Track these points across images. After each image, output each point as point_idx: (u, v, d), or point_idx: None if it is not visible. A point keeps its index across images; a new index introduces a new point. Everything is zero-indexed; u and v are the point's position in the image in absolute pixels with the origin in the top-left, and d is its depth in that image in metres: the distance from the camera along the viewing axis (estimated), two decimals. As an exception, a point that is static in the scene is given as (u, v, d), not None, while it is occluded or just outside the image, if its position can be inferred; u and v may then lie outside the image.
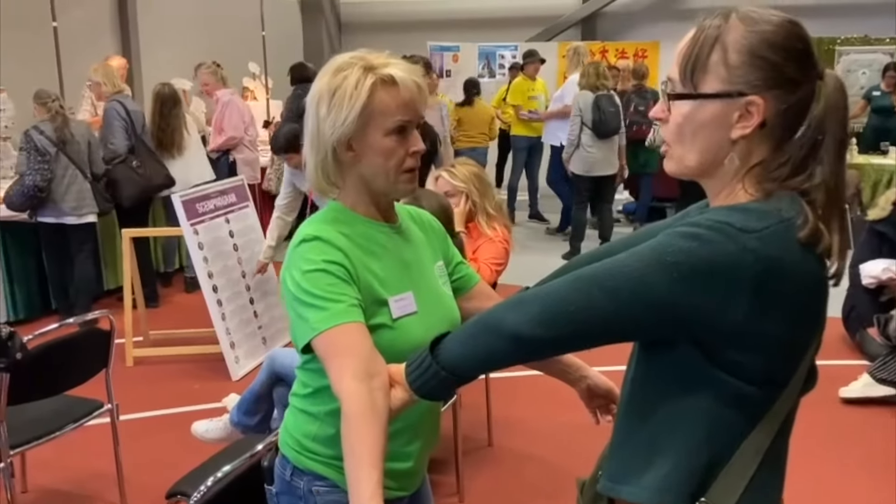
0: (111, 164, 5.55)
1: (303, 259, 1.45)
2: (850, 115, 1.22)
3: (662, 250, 1.12)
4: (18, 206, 5.15)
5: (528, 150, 8.44)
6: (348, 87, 1.45)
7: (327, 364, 1.37)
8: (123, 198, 5.54)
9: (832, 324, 5.08)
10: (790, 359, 1.16)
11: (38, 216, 5.24)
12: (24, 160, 5.07)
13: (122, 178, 5.55)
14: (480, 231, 3.45)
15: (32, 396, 2.92)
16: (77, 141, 5.26)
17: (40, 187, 5.06)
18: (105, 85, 5.64)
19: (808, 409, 4.30)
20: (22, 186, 5.05)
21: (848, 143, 1.19)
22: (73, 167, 5.21)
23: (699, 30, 1.20)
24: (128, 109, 5.66)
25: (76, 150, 5.25)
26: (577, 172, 6.95)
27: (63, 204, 5.20)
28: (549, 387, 1.93)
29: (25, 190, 5.05)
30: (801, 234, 1.11)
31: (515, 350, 1.21)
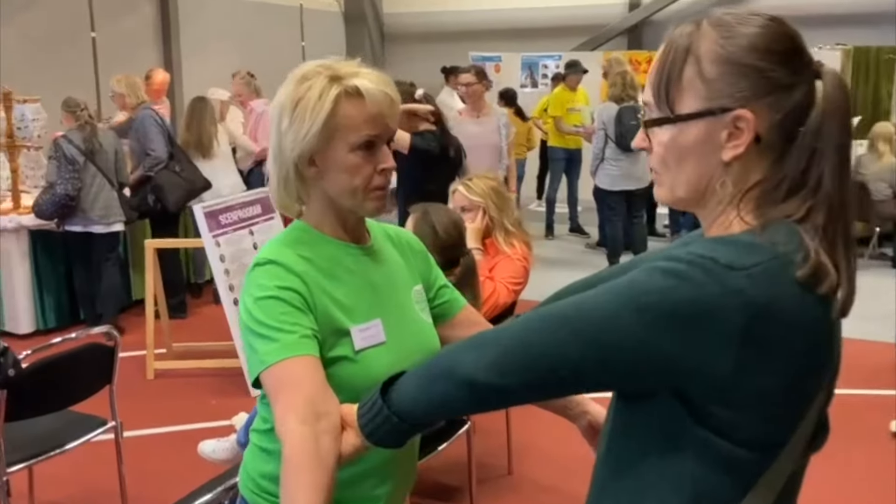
0: (153, 170, 5.56)
1: (255, 285, 1.32)
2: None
3: (638, 288, 0.96)
4: (48, 215, 5.16)
5: (566, 162, 8.25)
6: (311, 98, 1.33)
7: (272, 401, 1.24)
8: (171, 202, 5.54)
9: (884, 350, 4.80)
10: (788, 417, 0.99)
11: (66, 225, 5.25)
12: (54, 169, 5.09)
13: (167, 183, 5.55)
14: (498, 248, 3.29)
15: (31, 413, 2.85)
16: (105, 150, 5.26)
17: (71, 196, 5.07)
18: (129, 97, 5.65)
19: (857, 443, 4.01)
20: (52, 195, 5.07)
21: (851, 149, 1.01)
22: (101, 176, 5.22)
23: (668, 43, 1.04)
24: (161, 116, 5.68)
25: (104, 160, 5.25)
26: (602, 187, 6.75)
27: (91, 213, 5.21)
28: None
29: (56, 199, 5.06)
30: (800, 273, 0.94)
31: (470, 398, 1.05)
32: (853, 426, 4.10)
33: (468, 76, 5.80)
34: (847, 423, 4.04)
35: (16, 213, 5.36)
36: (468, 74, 5.81)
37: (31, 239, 5.40)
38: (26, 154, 5.52)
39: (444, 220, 2.83)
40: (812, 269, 0.94)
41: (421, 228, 2.84)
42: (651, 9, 11.56)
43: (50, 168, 5.15)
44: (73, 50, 7.33)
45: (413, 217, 2.89)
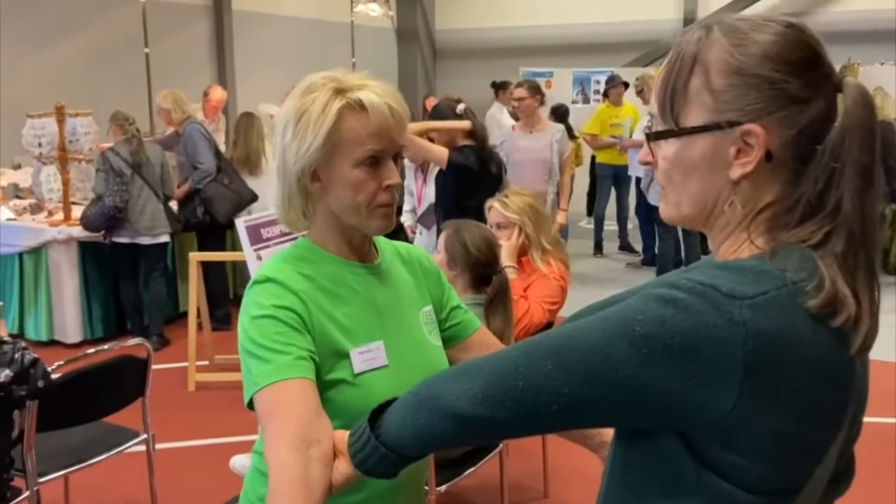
0: (202, 183, 5.63)
1: (253, 303, 1.28)
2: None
3: (632, 318, 0.88)
4: (96, 227, 5.26)
5: (613, 179, 8.10)
6: (315, 110, 1.28)
7: (263, 425, 1.19)
8: (220, 214, 5.60)
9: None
10: (802, 461, 0.89)
11: (113, 236, 5.33)
12: (102, 181, 5.18)
13: (216, 196, 5.62)
14: (534, 266, 3.21)
15: (63, 424, 2.87)
16: (152, 163, 5.34)
17: (119, 208, 5.16)
18: (175, 112, 5.73)
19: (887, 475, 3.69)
20: (101, 207, 5.16)
21: (875, 171, 0.91)
22: (148, 188, 5.30)
23: (675, 50, 0.97)
24: (207, 130, 5.73)
25: (151, 172, 5.33)
26: (655, 204, 6.61)
27: (138, 224, 5.29)
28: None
29: (105, 210, 5.15)
30: (812, 303, 0.85)
31: (457, 431, 0.99)
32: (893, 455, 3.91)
33: (521, 91, 5.69)
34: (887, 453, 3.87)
35: (66, 224, 5.47)
36: (521, 89, 5.70)
37: (80, 250, 5.50)
38: (77, 166, 5.63)
39: (475, 236, 2.78)
40: (826, 299, 0.86)
41: (452, 245, 2.79)
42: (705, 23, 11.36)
43: (98, 180, 5.24)
44: (127, 66, 7.50)
45: (445, 233, 2.85)
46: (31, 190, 6.18)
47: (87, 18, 7.95)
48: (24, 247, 5.49)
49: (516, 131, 5.80)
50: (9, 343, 2.50)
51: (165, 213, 5.42)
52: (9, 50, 7.29)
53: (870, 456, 3.96)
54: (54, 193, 5.56)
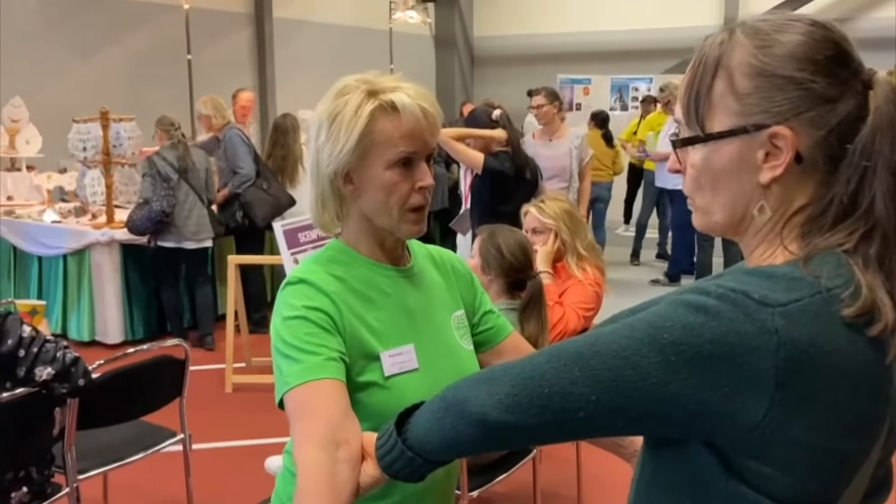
0: (241, 187, 5.71)
1: (285, 304, 1.29)
2: None
3: (660, 325, 0.86)
4: (142, 231, 5.33)
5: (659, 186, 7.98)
6: (347, 112, 1.29)
7: (292, 425, 1.20)
8: (259, 218, 5.68)
9: None
10: (835, 472, 0.87)
11: (159, 240, 5.42)
12: (149, 186, 5.25)
13: (255, 200, 5.70)
14: (569, 272, 3.19)
15: (103, 422, 2.92)
16: (197, 168, 5.42)
17: (165, 212, 5.23)
18: (215, 118, 5.80)
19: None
20: (148, 211, 5.22)
21: None
22: (193, 193, 5.36)
23: (698, 55, 0.95)
24: (246, 135, 5.81)
25: (196, 177, 5.41)
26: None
27: (184, 229, 5.37)
28: None
29: (152, 215, 5.22)
30: (848, 311, 0.83)
31: (483, 437, 0.98)
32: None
33: (539, 98, 5.68)
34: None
35: (109, 227, 5.57)
36: (539, 97, 5.68)
37: (122, 252, 5.60)
38: (120, 170, 5.74)
39: (510, 241, 2.77)
40: (863, 307, 0.84)
41: (486, 250, 2.79)
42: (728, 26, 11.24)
43: (144, 185, 5.33)
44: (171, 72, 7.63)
45: (479, 238, 2.85)
46: (76, 193, 6.30)
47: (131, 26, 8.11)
48: (68, 249, 5.60)
49: (536, 139, 5.78)
50: (51, 342, 2.56)
51: (209, 218, 5.49)
52: (55, 57, 7.46)
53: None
54: (98, 196, 5.67)
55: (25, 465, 2.60)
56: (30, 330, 2.51)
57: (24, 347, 2.47)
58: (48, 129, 6.75)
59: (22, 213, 6.10)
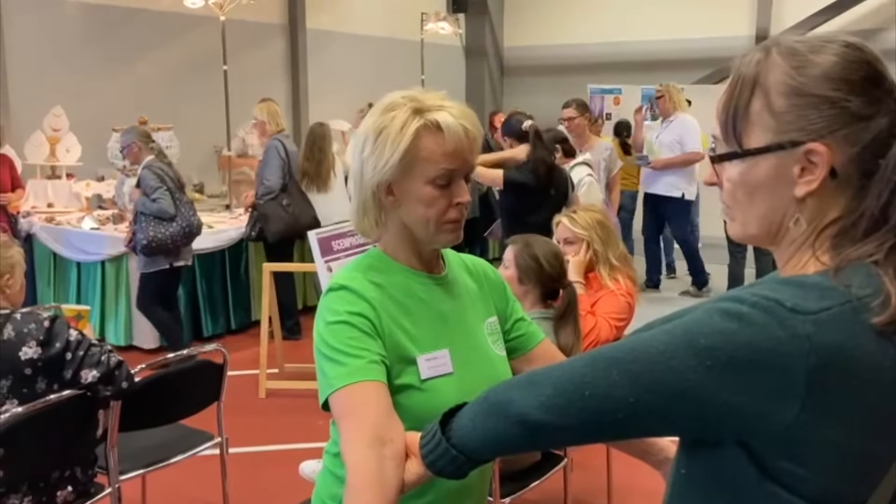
0: (263, 199, 5.78)
1: (328, 310, 1.35)
2: None
3: (696, 331, 0.90)
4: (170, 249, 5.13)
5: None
6: (394, 128, 1.35)
7: (339, 426, 1.26)
8: (270, 233, 5.74)
9: None
10: (865, 474, 0.91)
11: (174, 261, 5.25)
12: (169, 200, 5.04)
13: (271, 214, 5.75)
14: (601, 283, 3.22)
15: (143, 425, 3.00)
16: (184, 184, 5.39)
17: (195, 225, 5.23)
18: (269, 124, 5.86)
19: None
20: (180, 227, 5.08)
21: None
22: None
23: (735, 74, 0.99)
24: (287, 150, 5.85)
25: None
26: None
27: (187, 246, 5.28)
28: None
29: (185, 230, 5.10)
30: (878, 319, 0.87)
31: (524, 436, 1.03)
32: None
33: (570, 111, 5.73)
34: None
35: (147, 234, 5.67)
36: (570, 109, 5.74)
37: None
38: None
39: (546, 251, 2.82)
40: (893, 315, 0.87)
41: (523, 260, 2.82)
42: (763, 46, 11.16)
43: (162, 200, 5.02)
44: (206, 82, 7.76)
45: (513, 248, 2.88)
46: (114, 201, 6.45)
47: (169, 37, 8.28)
48: (107, 255, 5.73)
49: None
50: (96, 345, 2.64)
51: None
52: (95, 68, 7.63)
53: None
54: (137, 205, 5.78)
55: (71, 464, 2.69)
56: (76, 334, 2.60)
57: (71, 351, 2.56)
58: (87, 138, 6.91)
59: (61, 219, 6.24)
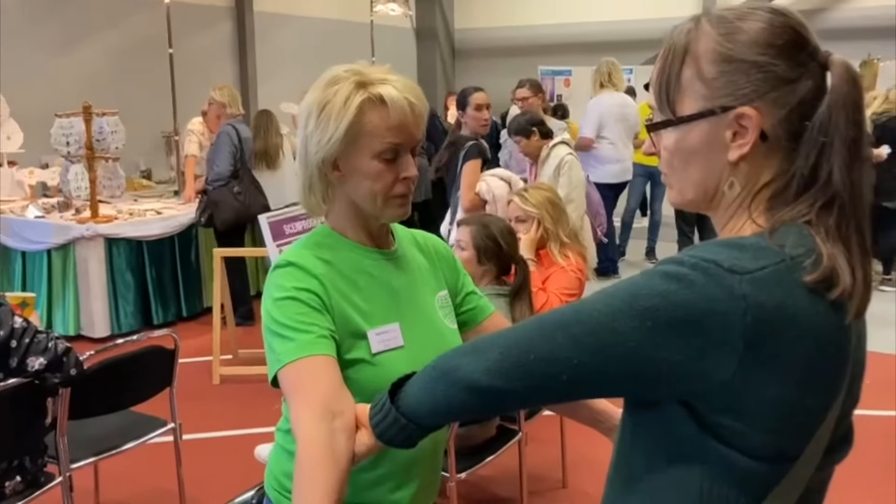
0: (212, 185, 5.71)
1: (275, 286, 1.35)
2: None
3: (636, 292, 0.93)
4: None
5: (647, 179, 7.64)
6: (337, 103, 1.34)
7: (288, 400, 1.26)
8: (219, 221, 5.67)
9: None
10: (799, 428, 0.94)
11: None
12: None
13: (221, 202, 5.68)
14: (552, 260, 3.27)
15: (94, 412, 2.96)
16: None
17: None
18: (230, 107, 5.79)
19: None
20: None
21: (861, 143, 0.96)
22: None
23: (667, 44, 1.02)
24: (240, 136, 5.78)
25: None
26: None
27: None
28: None
29: None
30: (810, 277, 0.90)
31: (473, 401, 1.05)
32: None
33: (523, 91, 5.75)
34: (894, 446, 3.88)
35: (93, 221, 5.58)
36: (523, 89, 5.76)
37: (107, 246, 5.61)
38: (104, 165, 5.74)
39: (502, 229, 2.87)
40: (823, 273, 0.90)
41: (482, 241, 2.85)
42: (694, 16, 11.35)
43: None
44: (152, 66, 7.62)
45: (470, 229, 2.90)
46: (59, 188, 6.30)
47: (111, 20, 8.10)
48: (53, 244, 5.61)
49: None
50: (42, 332, 2.59)
51: None
52: (35, 51, 7.44)
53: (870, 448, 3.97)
54: (82, 191, 5.68)
55: (19, 454, 2.64)
56: (21, 321, 2.55)
57: (16, 338, 2.51)
58: (29, 124, 6.73)
59: (5, 208, 6.09)
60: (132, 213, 5.96)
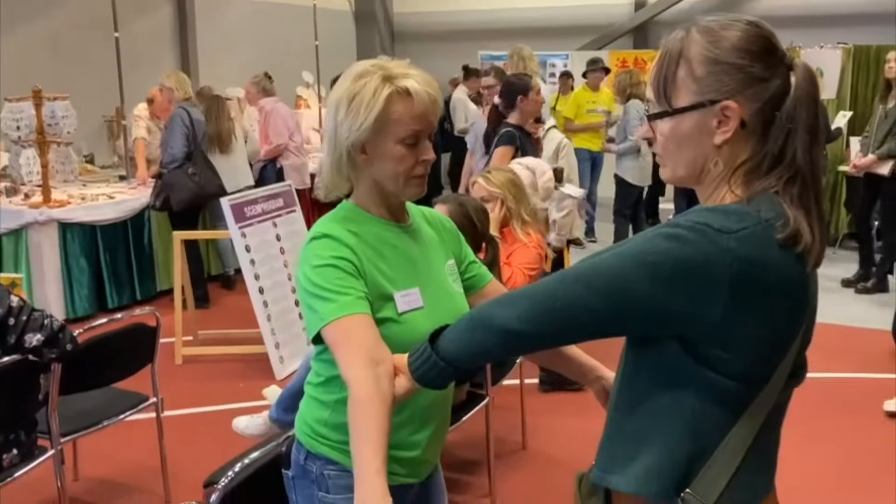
0: (168, 167, 5.77)
1: (313, 255, 1.53)
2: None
3: (644, 250, 1.16)
4: None
5: (589, 164, 7.93)
6: (366, 94, 1.53)
7: (336, 352, 1.45)
8: (175, 202, 5.75)
9: (882, 337, 5.00)
10: (771, 355, 1.19)
11: None
12: None
13: (177, 183, 5.76)
14: (515, 237, 3.50)
15: (82, 387, 3.07)
16: None
17: None
18: (177, 91, 5.86)
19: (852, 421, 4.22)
20: None
21: (819, 129, 1.22)
22: None
23: (664, 48, 1.25)
24: (192, 118, 5.86)
25: None
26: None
27: None
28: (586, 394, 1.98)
29: None
30: (781, 235, 1.14)
31: (505, 344, 1.27)
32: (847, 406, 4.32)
33: (489, 79, 5.78)
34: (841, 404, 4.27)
35: (46, 206, 5.58)
36: (489, 78, 5.80)
37: (61, 231, 5.62)
38: (56, 149, 5.73)
39: (477, 208, 3.06)
40: (790, 232, 1.15)
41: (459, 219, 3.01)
42: (656, 9, 11.74)
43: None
44: (97, 50, 7.55)
45: (446, 207, 3.07)
46: (5, 173, 6.25)
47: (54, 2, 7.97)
48: (4, 229, 5.58)
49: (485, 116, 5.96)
50: (38, 310, 2.70)
51: None
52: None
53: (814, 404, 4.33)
54: (34, 176, 5.67)
55: (15, 428, 2.75)
56: (17, 299, 2.65)
57: (14, 316, 2.61)
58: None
59: (-49, 194, 6.02)
60: (84, 197, 5.96)
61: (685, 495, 1.20)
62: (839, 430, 4.03)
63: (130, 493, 3.55)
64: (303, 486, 1.65)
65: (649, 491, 1.22)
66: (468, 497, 3.47)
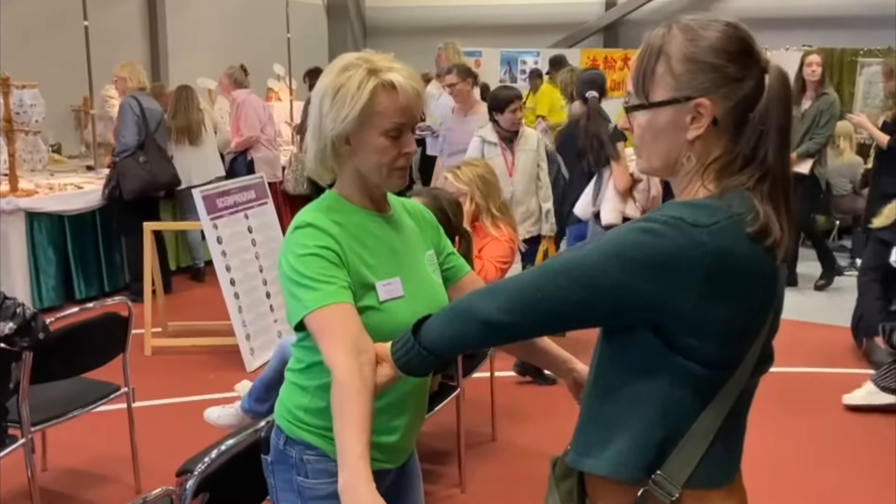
0: (119, 157, 5.75)
1: (297, 244, 1.55)
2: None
3: (622, 243, 1.21)
4: None
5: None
6: (351, 87, 1.55)
7: (319, 340, 1.48)
8: (125, 191, 5.71)
9: (841, 333, 5.13)
10: (740, 343, 1.24)
11: None
12: None
13: (128, 172, 5.72)
14: (485, 231, 3.55)
15: (53, 377, 3.05)
16: None
17: None
18: (130, 80, 5.82)
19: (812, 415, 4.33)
20: None
21: (791, 131, 1.27)
22: None
23: (645, 44, 1.30)
24: (143, 107, 5.82)
25: None
26: None
27: None
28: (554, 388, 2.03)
29: None
30: (751, 229, 1.20)
31: (486, 334, 1.31)
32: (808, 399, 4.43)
33: (451, 77, 5.73)
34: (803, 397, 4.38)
35: (13, 195, 5.51)
36: (451, 75, 5.74)
37: (28, 220, 5.56)
38: (24, 138, 5.67)
39: (449, 201, 3.09)
40: (760, 226, 1.20)
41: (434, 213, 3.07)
42: (626, 8, 11.88)
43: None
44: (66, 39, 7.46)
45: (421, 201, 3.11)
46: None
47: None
48: (-30, 219, 5.52)
49: (454, 114, 5.96)
50: (10, 299, 2.69)
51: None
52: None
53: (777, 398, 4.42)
54: (1, 165, 5.60)
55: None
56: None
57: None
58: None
59: (-84, 183, 5.92)
60: (52, 187, 5.91)
61: (656, 477, 1.25)
62: (799, 420, 4.14)
63: (100, 484, 3.54)
64: (281, 470, 1.68)
65: (622, 473, 1.27)
66: (439, 486, 3.51)
